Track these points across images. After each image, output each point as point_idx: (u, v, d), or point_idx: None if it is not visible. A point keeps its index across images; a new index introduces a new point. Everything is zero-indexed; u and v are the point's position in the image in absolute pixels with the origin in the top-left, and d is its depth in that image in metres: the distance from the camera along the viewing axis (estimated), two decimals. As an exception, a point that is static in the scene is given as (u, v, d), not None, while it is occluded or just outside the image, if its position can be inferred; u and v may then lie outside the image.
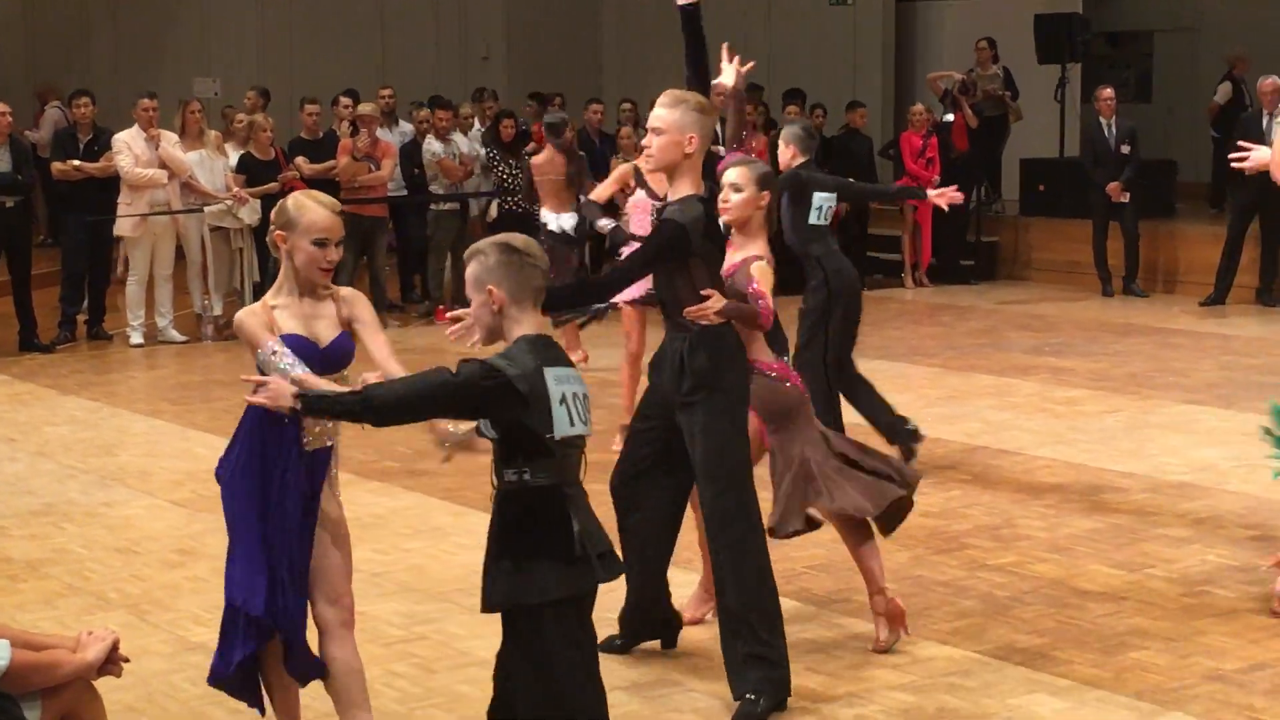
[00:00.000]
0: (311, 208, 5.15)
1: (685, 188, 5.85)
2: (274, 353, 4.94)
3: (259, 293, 14.91)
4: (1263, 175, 12.74)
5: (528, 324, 4.37)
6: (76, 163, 14.26)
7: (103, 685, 4.58)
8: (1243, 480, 9.11)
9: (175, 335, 14.58)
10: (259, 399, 4.34)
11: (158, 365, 13.76)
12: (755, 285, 5.99)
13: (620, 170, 10.61)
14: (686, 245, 5.71)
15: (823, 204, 9.16)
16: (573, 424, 4.32)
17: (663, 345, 5.97)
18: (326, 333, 5.20)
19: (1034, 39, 19.21)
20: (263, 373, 4.83)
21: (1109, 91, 17.03)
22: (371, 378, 4.75)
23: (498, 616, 5.83)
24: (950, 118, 18.41)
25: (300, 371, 4.88)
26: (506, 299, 4.35)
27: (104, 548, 8.14)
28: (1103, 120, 16.89)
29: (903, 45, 22.07)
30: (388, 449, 9.92)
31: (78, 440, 10.66)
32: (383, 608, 7.08)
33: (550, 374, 4.29)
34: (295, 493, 5.06)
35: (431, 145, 15.98)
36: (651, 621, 6.39)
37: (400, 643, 6.66)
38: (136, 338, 14.43)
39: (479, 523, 8.31)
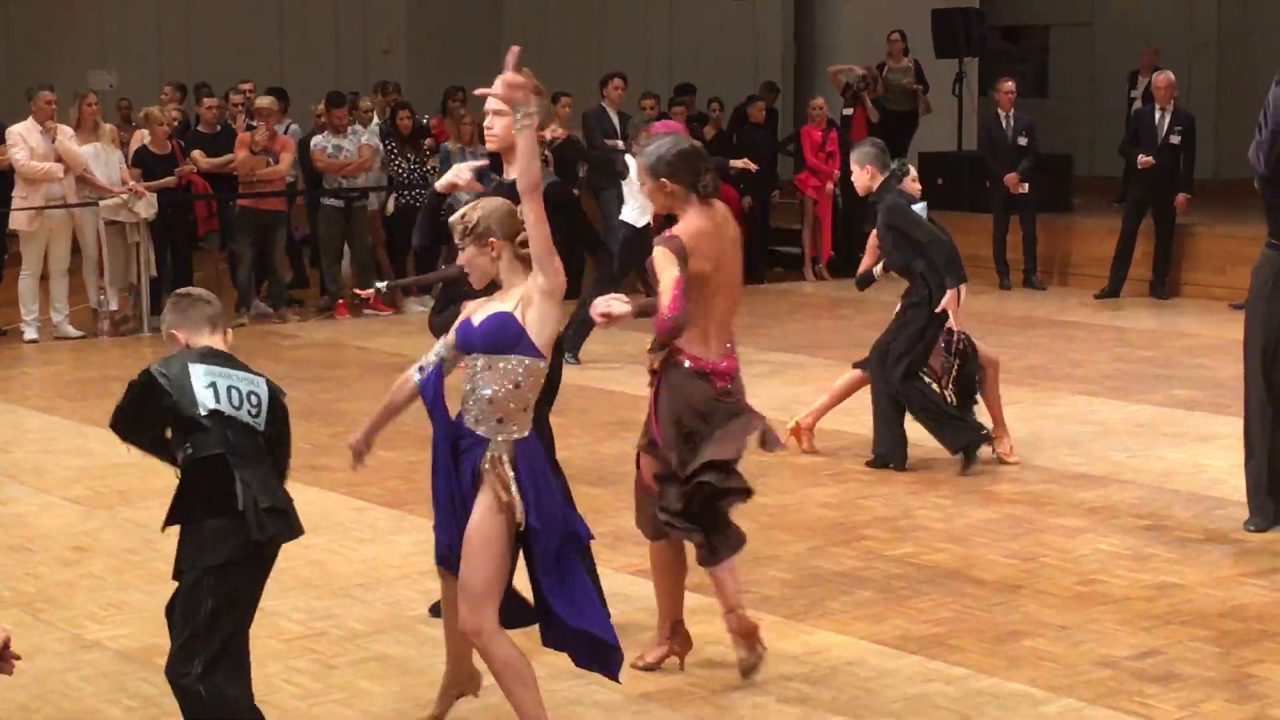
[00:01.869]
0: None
1: None
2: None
3: (155, 287, 14.86)
4: (1154, 171, 12.92)
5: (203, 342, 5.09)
6: None
7: (-4, 684, 4.54)
8: (1135, 471, 9.25)
9: (71, 331, 14.43)
10: None
11: (53, 361, 13.61)
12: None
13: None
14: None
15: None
16: (217, 401, 4.88)
17: None
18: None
19: (931, 33, 19.36)
20: None
21: (1010, 84, 17.17)
22: None
23: (399, 611, 5.86)
24: (849, 111, 18.53)
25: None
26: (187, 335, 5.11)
27: (-2, 546, 8.06)
28: (1001, 113, 17.05)
29: (802, 39, 22.17)
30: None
31: (-29, 437, 10.54)
32: (283, 603, 7.04)
33: (198, 368, 4.93)
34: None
35: (318, 140, 15.77)
36: None
37: (300, 638, 6.64)
38: (31, 333, 14.25)
39: (380, 518, 8.35)
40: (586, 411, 10.76)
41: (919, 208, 9.33)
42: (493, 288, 5.32)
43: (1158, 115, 16.17)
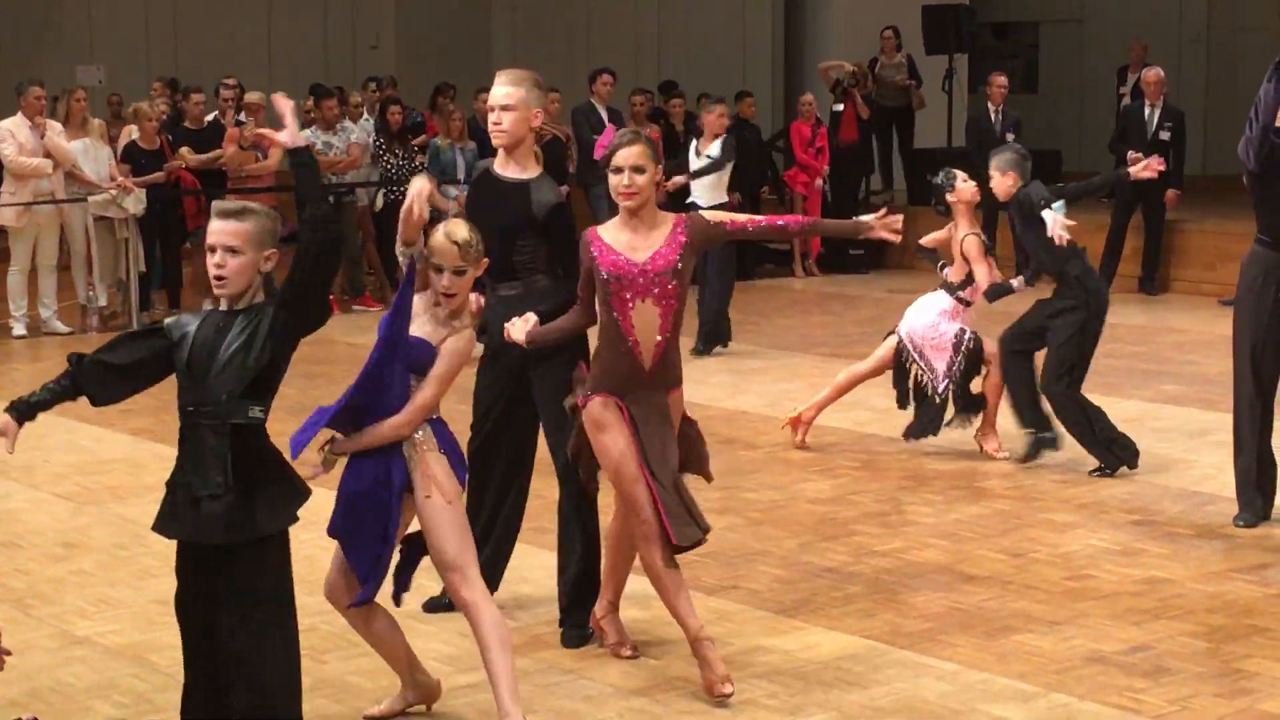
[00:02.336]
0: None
1: (532, 163, 6.37)
2: None
3: (144, 283, 14.85)
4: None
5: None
6: None
7: (-14, 680, 4.54)
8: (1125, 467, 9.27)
9: (59, 327, 14.42)
10: None
11: (41, 357, 13.58)
12: None
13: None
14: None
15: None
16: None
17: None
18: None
19: (921, 29, 19.37)
20: None
21: (1002, 79, 17.20)
22: None
23: (388, 607, 5.86)
24: (840, 107, 18.54)
25: None
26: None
27: (-13, 542, 8.05)
28: (991, 107, 17.06)
29: (792, 35, 22.17)
30: (276, 440, 9.84)
31: (-41, 433, 10.49)
32: (272, 599, 7.05)
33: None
34: None
35: (306, 135, 15.76)
36: None
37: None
38: (19, 329, 14.25)
39: (369, 513, 8.30)
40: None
41: (1058, 207, 9.19)
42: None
43: (1147, 111, 16.21)
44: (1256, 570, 7.31)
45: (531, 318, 5.94)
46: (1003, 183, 9.26)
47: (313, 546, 7.76)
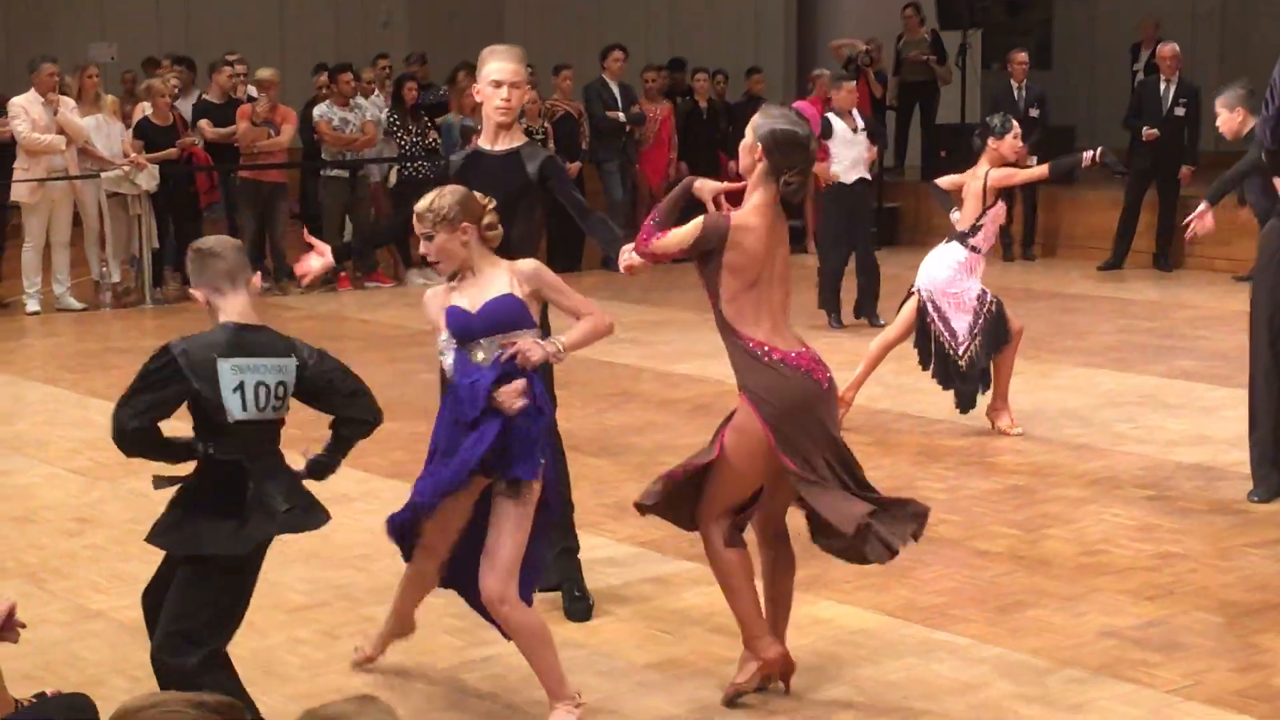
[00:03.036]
0: None
1: (519, 135, 6.44)
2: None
3: (157, 260, 14.85)
4: (1158, 144, 12.82)
5: (232, 311, 4.91)
6: None
7: (1, 653, 4.54)
8: (1138, 442, 9.25)
9: (73, 303, 14.42)
10: None
11: (55, 333, 13.60)
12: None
13: None
14: None
15: None
16: (244, 410, 4.78)
17: None
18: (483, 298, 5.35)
19: (935, 6, 19.34)
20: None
21: (1023, 55, 17.18)
22: None
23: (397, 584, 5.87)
24: (852, 84, 18.46)
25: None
26: (206, 295, 4.98)
27: (0, 517, 8.05)
28: (1014, 84, 17.03)
29: (804, 12, 22.11)
30: (289, 416, 9.85)
31: (-27, 409, 10.54)
32: (287, 574, 7.05)
33: (225, 365, 4.77)
34: None
35: (322, 110, 15.75)
36: None
37: (304, 609, 6.65)
38: (33, 305, 14.26)
39: (382, 488, 8.34)
40: (589, 384, 10.76)
41: None
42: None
43: (1163, 87, 16.15)
44: (1271, 545, 7.28)
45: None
46: (1231, 120, 8.83)
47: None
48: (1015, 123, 9.66)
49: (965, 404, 9.47)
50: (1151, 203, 16.22)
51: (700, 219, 5.43)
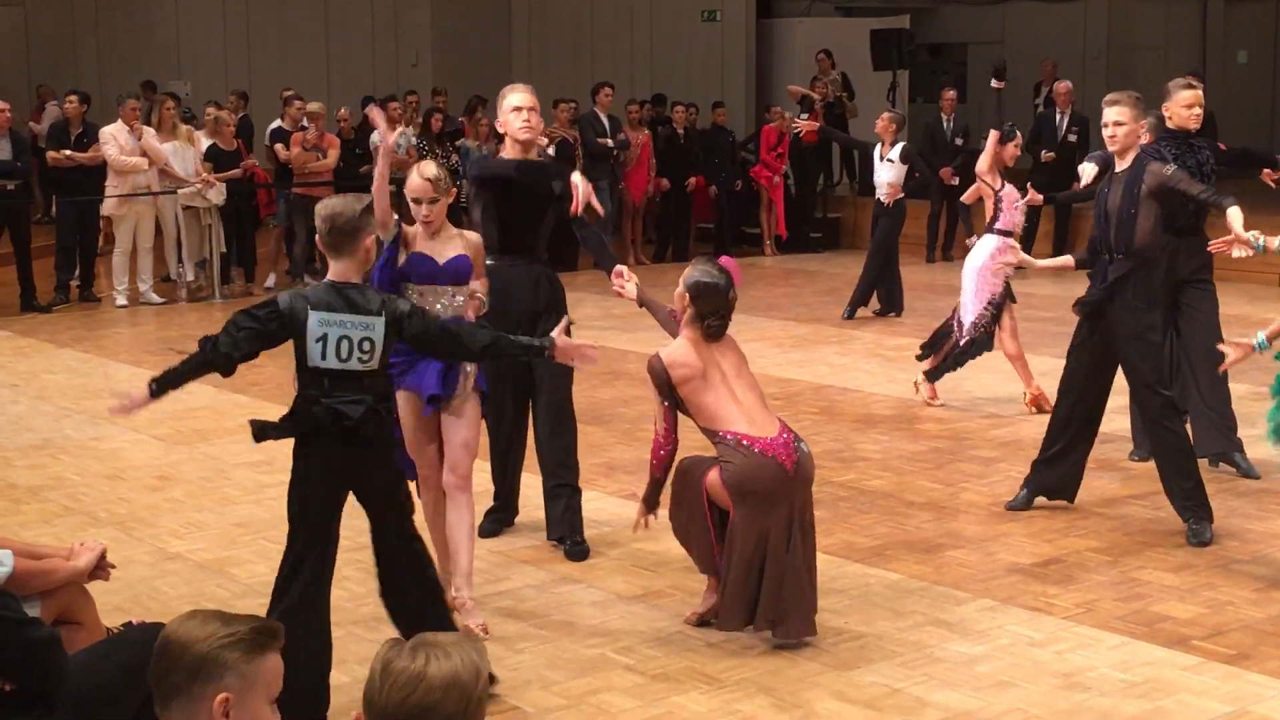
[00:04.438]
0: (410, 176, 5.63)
1: (535, 154, 6.36)
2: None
3: (225, 262, 14.80)
4: (1054, 165, 12.66)
5: (348, 269, 4.74)
6: (68, 152, 14.00)
7: (95, 589, 4.52)
8: (1038, 411, 9.23)
9: (154, 298, 14.36)
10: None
11: (139, 323, 13.55)
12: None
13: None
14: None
15: None
16: (323, 358, 4.60)
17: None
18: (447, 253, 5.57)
19: (869, 51, 19.29)
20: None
21: (952, 93, 17.23)
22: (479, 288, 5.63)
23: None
24: (805, 116, 18.44)
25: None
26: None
27: (94, 475, 8.02)
28: (944, 116, 17.02)
29: (762, 55, 22.07)
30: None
31: (71, 386, 10.48)
32: (332, 522, 7.04)
33: (314, 317, 4.60)
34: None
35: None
36: None
37: (348, 550, 6.57)
38: (121, 300, 14.20)
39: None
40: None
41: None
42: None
43: (1058, 118, 16.14)
44: (1148, 497, 7.28)
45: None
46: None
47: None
48: (1019, 134, 9.58)
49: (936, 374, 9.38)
50: (1049, 213, 16.19)
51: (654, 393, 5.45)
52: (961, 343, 9.34)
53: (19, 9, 22.43)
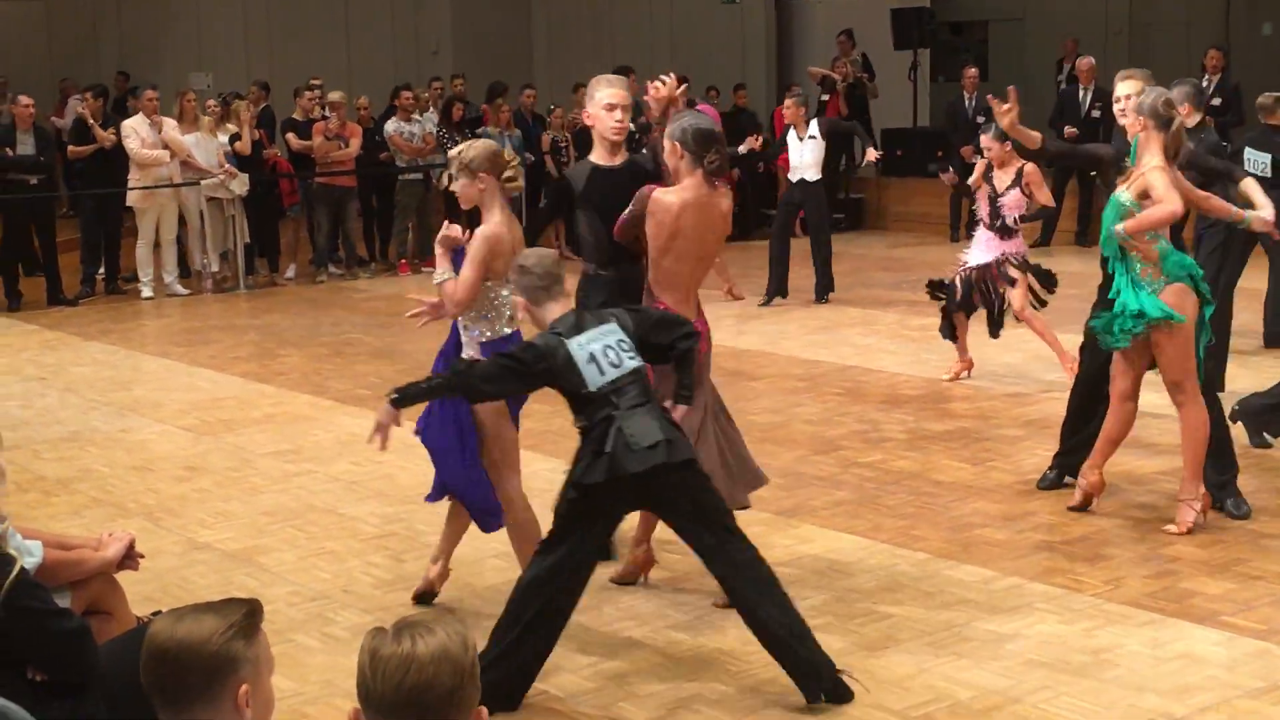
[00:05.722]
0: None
1: (623, 153, 5.97)
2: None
3: (249, 253, 14.83)
4: (1077, 140, 12.62)
5: (555, 311, 4.76)
6: (99, 133, 14.01)
7: (124, 579, 4.53)
8: (1065, 388, 9.13)
9: (179, 289, 14.41)
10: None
11: (165, 314, 13.60)
12: None
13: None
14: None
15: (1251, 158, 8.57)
16: (602, 374, 4.61)
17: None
18: None
19: (890, 29, 19.20)
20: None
21: (974, 71, 17.18)
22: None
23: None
24: (826, 98, 18.42)
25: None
26: (526, 302, 4.82)
27: (123, 466, 8.06)
28: (965, 95, 16.96)
29: (782, 36, 22.01)
30: (361, 379, 9.86)
31: (99, 378, 10.53)
32: (360, 509, 7.06)
33: (575, 344, 4.61)
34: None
35: (390, 125, 15.75)
36: None
37: (375, 538, 6.64)
38: (147, 291, 14.25)
39: (438, 438, 8.29)
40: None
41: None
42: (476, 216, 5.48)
43: (1081, 94, 16.05)
44: (1176, 473, 7.23)
45: None
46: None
47: (390, 465, 7.77)
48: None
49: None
50: (1073, 190, 16.13)
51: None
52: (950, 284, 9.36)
53: (40, 4, 22.51)
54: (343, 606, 5.71)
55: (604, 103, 5.95)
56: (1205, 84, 13.80)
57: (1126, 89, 6.64)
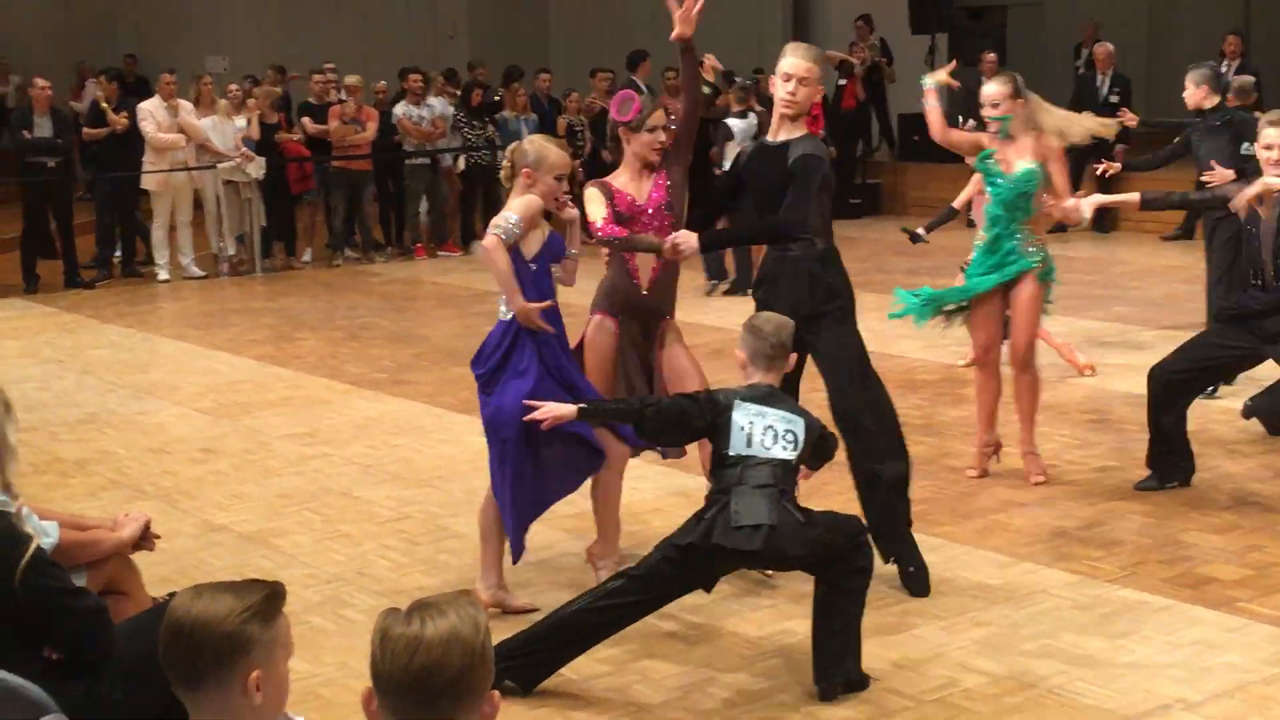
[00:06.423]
0: (553, 150, 5.41)
1: (800, 129, 5.70)
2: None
3: (266, 236, 14.85)
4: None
5: (757, 377, 4.82)
6: (111, 116, 14.01)
7: (140, 560, 4.55)
8: (1079, 374, 9.18)
9: (196, 271, 14.44)
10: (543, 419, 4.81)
11: (182, 297, 13.63)
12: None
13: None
14: (827, 173, 5.65)
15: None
16: (748, 445, 4.65)
17: (774, 265, 5.80)
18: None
19: (908, 14, 19.14)
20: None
21: (992, 56, 17.08)
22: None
23: (473, 498, 5.83)
24: (843, 83, 18.38)
25: None
26: (745, 358, 4.85)
27: (140, 448, 8.08)
28: (984, 79, 16.85)
29: (799, 20, 21.95)
30: (377, 362, 9.88)
31: (116, 360, 10.56)
32: (376, 493, 7.07)
33: (739, 411, 4.68)
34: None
35: (403, 109, 15.71)
36: None
37: (391, 521, 6.66)
38: (163, 274, 14.29)
39: (454, 422, 8.34)
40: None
41: None
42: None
43: (1099, 79, 15.97)
44: (1195, 458, 7.22)
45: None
46: (1196, 94, 8.57)
47: (406, 448, 7.78)
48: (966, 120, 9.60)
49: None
50: (1090, 174, 16.07)
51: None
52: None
53: (58, -13, 22.55)
54: (358, 589, 5.73)
55: (782, 71, 5.65)
56: (1225, 69, 13.70)
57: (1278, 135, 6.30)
